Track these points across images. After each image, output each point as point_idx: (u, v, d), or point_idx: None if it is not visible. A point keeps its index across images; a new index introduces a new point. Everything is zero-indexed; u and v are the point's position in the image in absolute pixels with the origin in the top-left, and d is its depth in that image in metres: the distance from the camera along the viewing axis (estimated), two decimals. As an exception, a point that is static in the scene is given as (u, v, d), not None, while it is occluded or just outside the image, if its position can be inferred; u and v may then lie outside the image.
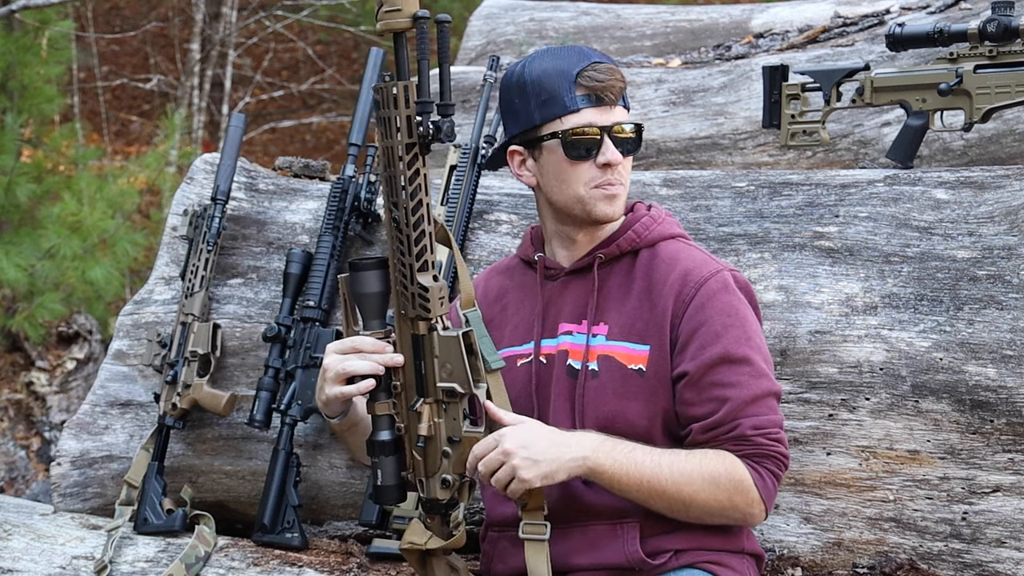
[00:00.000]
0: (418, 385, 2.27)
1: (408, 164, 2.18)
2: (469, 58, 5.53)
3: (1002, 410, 2.68)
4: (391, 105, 2.18)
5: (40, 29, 6.95)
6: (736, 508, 2.34)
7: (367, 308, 2.30)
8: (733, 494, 2.32)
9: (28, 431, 7.09)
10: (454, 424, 2.27)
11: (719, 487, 2.32)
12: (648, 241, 2.47)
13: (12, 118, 6.63)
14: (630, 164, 2.48)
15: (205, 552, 3.02)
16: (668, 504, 2.33)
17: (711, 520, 2.36)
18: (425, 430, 2.27)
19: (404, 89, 2.17)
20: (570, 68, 2.40)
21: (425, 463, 2.30)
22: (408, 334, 2.26)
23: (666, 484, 2.30)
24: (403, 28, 2.16)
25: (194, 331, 3.27)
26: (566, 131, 2.40)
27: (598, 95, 2.39)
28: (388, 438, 2.31)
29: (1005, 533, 2.70)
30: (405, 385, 2.29)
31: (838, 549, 2.82)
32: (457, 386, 2.24)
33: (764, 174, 3.21)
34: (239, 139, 3.43)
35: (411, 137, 2.17)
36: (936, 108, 3.19)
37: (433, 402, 2.27)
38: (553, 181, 2.45)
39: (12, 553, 3.10)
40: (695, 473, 2.31)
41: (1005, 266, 2.78)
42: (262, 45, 11.76)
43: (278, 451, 3.13)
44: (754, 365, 2.37)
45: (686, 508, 2.33)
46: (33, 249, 6.48)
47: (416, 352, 2.26)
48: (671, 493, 2.31)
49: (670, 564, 2.39)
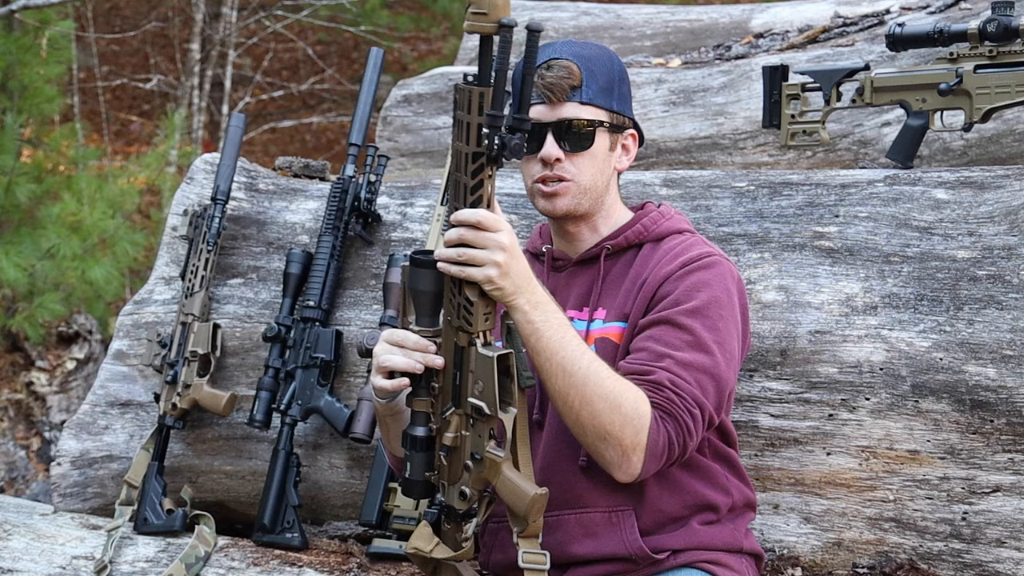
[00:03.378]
0: (453, 394, 2.25)
1: (472, 173, 2.15)
2: (469, 58, 5.53)
3: (1002, 410, 2.68)
4: (466, 108, 2.13)
5: (40, 29, 6.95)
6: (620, 442, 2.25)
7: (419, 304, 2.27)
8: (625, 425, 2.25)
9: (28, 431, 7.08)
10: (479, 441, 2.24)
11: (618, 409, 2.25)
12: (655, 235, 2.52)
13: (12, 118, 6.63)
14: (590, 160, 2.49)
15: (205, 552, 3.02)
16: (565, 393, 2.25)
17: (588, 439, 2.28)
18: (450, 440, 2.25)
19: (480, 96, 2.12)
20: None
21: (448, 470, 2.29)
22: (452, 340, 2.24)
23: (576, 371, 2.24)
24: (488, 32, 2.11)
25: (194, 331, 3.28)
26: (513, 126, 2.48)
27: (541, 93, 2.47)
28: (422, 434, 2.29)
29: (1005, 533, 2.70)
30: (443, 389, 2.27)
31: (838, 549, 2.82)
32: (485, 407, 2.20)
33: (764, 174, 3.21)
34: (239, 139, 3.43)
35: (478, 147, 2.13)
36: (936, 108, 3.19)
37: (463, 414, 2.25)
38: (522, 174, 2.57)
39: (12, 553, 3.10)
40: (607, 382, 2.25)
41: (1005, 266, 2.78)
42: (262, 45, 11.76)
43: (278, 451, 3.13)
44: (697, 337, 2.35)
45: (578, 407, 2.25)
46: (33, 249, 6.47)
47: (456, 361, 2.24)
48: (575, 382, 2.24)
49: (668, 563, 2.39)
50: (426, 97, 4.83)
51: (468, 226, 2.16)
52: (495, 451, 2.22)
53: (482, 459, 2.23)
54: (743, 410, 2.84)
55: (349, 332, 3.21)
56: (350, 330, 3.22)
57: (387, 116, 4.88)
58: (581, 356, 2.26)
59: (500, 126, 2.12)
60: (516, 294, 2.20)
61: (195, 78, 10.09)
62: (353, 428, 3.07)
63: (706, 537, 2.42)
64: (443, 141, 4.67)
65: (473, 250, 2.16)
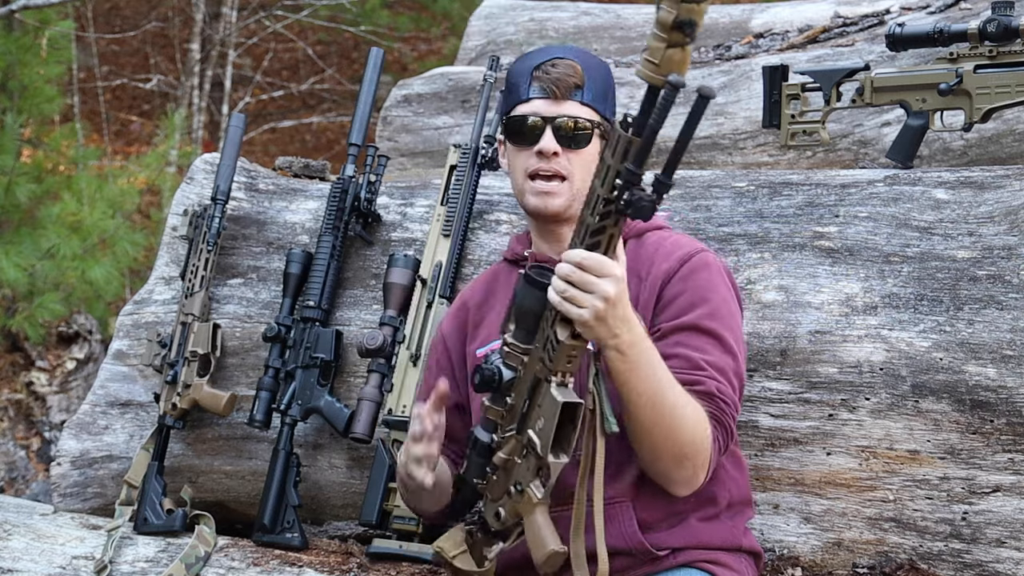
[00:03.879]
0: (518, 419, 2.24)
1: (599, 216, 2.09)
2: (469, 58, 5.53)
3: (1002, 410, 2.68)
4: (612, 151, 2.06)
5: (40, 29, 6.95)
6: (693, 463, 2.30)
7: (520, 319, 2.23)
8: (699, 447, 2.29)
9: (28, 431, 7.09)
10: (526, 474, 2.24)
11: (695, 434, 2.28)
12: (635, 231, 2.55)
13: (12, 118, 6.63)
14: (585, 160, 2.50)
15: (205, 552, 3.02)
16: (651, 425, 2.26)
17: (663, 463, 2.30)
18: (501, 460, 2.25)
19: (628, 144, 2.04)
20: (533, 62, 2.53)
21: (494, 486, 2.29)
22: (534, 367, 2.21)
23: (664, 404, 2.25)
24: (656, 85, 2.02)
25: (194, 331, 3.28)
26: (512, 117, 2.53)
27: (545, 87, 2.49)
28: (484, 440, 2.29)
29: (1005, 533, 2.70)
30: (513, 409, 2.25)
31: (838, 549, 2.82)
32: (538, 444, 2.19)
33: (764, 174, 3.21)
34: (239, 139, 3.43)
35: (610, 193, 2.07)
36: (936, 108, 3.19)
37: (521, 442, 2.24)
38: (509, 168, 2.59)
39: (12, 553, 3.10)
40: (688, 409, 2.28)
41: (1005, 266, 2.78)
42: (262, 45, 11.76)
43: (278, 451, 3.13)
44: (723, 341, 2.40)
45: (662, 438, 2.27)
46: (33, 249, 6.48)
47: (530, 388, 2.22)
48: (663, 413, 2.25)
49: (667, 563, 2.39)
50: (426, 97, 4.83)
51: (574, 265, 2.13)
52: (536, 489, 2.23)
53: (523, 491, 2.23)
54: (743, 410, 2.84)
55: (349, 332, 3.21)
56: (350, 330, 3.22)
57: (387, 116, 4.88)
58: (669, 388, 2.26)
59: (637, 183, 2.05)
60: (609, 338, 2.18)
61: (195, 78, 10.09)
62: (353, 428, 3.07)
63: (705, 535, 2.42)
64: (443, 141, 4.67)
65: (574, 290, 2.13)
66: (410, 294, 3.14)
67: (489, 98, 3.33)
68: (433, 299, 3.11)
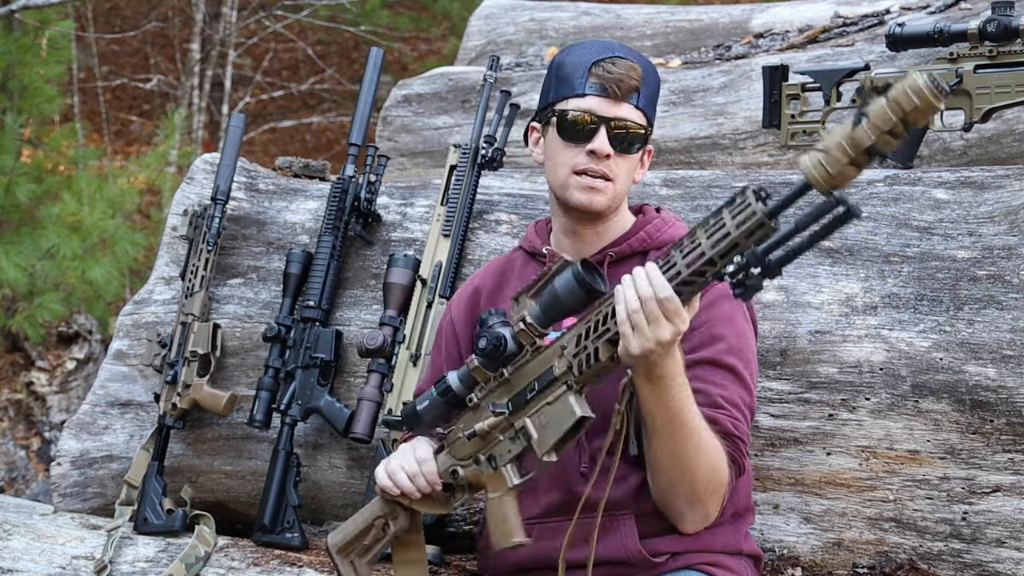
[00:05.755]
0: (516, 399, 2.24)
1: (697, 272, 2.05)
2: (469, 58, 5.53)
3: (1002, 410, 2.68)
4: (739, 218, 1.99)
5: (40, 29, 6.95)
6: (705, 506, 2.33)
7: (550, 308, 2.20)
8: (716, 492, 2.32)
9: (28, 431, 7.08)
10: (505, 454, 2.26)
11: (712, 479, 2.30)
12: (659, 243, 2.51)
13: (12, 118, 6.63)
14: (630, 165, 2.49)
15: (205, 552, 3.02)
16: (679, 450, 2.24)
17: (678, 501, 2.31)
18: (483, 431, 2.26)
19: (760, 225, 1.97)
20: (591, 57, 2.47)
21: (458, 445, 2.31)
22: (552, 360, 2.21)
23: (693, 430, 2.24)
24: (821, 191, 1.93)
25: (194, 331, 3.27)
26: (565, 111, 2.46)
27: (605, 86, 2.43)
28: (458, 391, 2.30)
29: (1005, 533, 2.70)
30: (511, 382, 2.25)
31: (838, 549, 2.82)
32: (535, 438, 2.21)
33: (764, 174, 3.21)
34: (239, 139, 3.43)
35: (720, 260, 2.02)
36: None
37: (509, 423, 2.25)
38: (549, 160, 2.52)
39: (12, 553, 3.10)
40: (714, 449, 2.28)
41: (1005, 266, 2.78)
42: (262, 45, 11.76)
43: (278, 451, 3.13)
44: (740, 377, 2.40)
45: (691, 465, 2.26)
46: (33, 249, 6.47)
47: (540, 381, 2.22)
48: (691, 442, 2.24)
49: (667, 566, 2.39)
50: (426, 97, 4.83)
51: (655, 297, 2.09)
52: (512, 473, 2.25)
53: (496, 468, 2.25)
54: (743, 410, 2.85)
55: (349, 332, 3.21)
56: (350, 330, 3.22)
57: (387, 116, 4.88)
58: (695, 423, 2.24)
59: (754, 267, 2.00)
60: (643, 373, 2.18)
61: (195, 78, 10.09)
62: (353, 428, 3.07)
63: (706, 540, 2.42)
64: (443, 141, 4.67)
65: (641, 318, 2.10)
66: (410, 294, 3.14)
67: (489, 98, 3.33)
68: (433, 299, 3.11)
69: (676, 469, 2.27)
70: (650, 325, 2.10)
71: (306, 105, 11.98)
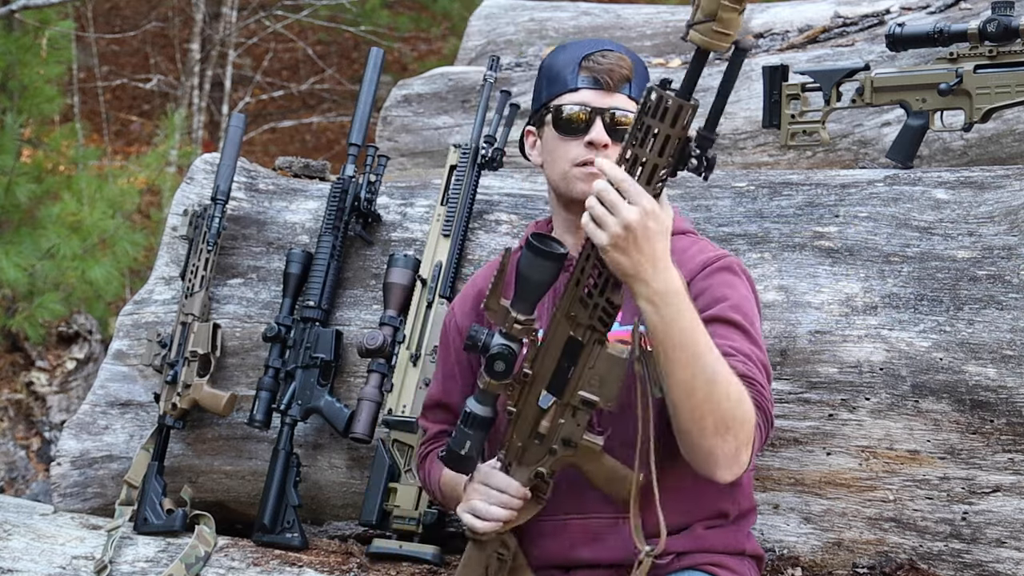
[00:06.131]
0: (555, 385, 2.21)
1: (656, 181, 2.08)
2: (469, 58, 5.53)
3: (1002, 410, 2.68)
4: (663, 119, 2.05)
5: (40, 29, 6.95)
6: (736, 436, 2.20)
7: (526, 291, 2.19)
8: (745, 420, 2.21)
9: (28, 431, 7.09)
10: (576, 429, 2.22)
11: (740, 405, 2.19)
12: None
13: (12, 118, 6.63)
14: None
15: (205, 552, 3.02)
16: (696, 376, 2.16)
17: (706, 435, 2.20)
18: (545, 429, 2.23)
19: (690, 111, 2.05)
20: (580, 52, 2.49)
21: (524, 453, 2.27)
22: (565, 334, 2.18)
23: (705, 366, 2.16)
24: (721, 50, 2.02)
25: (194, 331, 3.28)
26: (560, 106, 2.47)
27: (597, 77, 2.45)
28: (487, 415, 2.26)
29: (1005, 533, 2.70)
30: (536, 377, 2.22)
31: (838, 549, 2.82)
32: (600, 400, 2.18)
33: (764, 174, 3.21)
34: (239, 139, 3.43)
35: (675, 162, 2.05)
36: (936, 108, 3.19)
37: (564, 405, 2.22)
38: (548, 157, 2.52)
39: (12, 553, 3.10)
40: (733, 379, 2.20)
41: (1005, 266, 2.78)
42: (262, 45, 11.76)
43: (278, 451, 3.13)
44: (748, 332, 2.35)
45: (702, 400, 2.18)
46: (33, 249, 6.47)
47: (567, 354, 2.19)
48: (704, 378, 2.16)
49: (671, 567, 2.38)
50: (426, 97, 4.83)
51: (614, 185, 2.07)
52: (593, 439, 2.22)
53: (575, 445, 2.22)
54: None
55: (349, 332, 3.21)
56: (350, 330, 3.22)
57: (387, 116, 4.88)
58: (709, 350, 2.17)
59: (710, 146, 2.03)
60: (634, 279, 2.12)
61: (195, 78, 10.09)
62: (353, 428, 3.07)
63: (710, 540, 2.41)
64: (443, 141, 4.67)
65: (602, 209, 2.08)
66: (410, 294, 3.14)
67: (489, 98, 3.33)
68: (433, 299, 3.11)
69: (697, 396, 2.17)
70: (612, 213, 2.07)
71: (306, 105, 11.98)
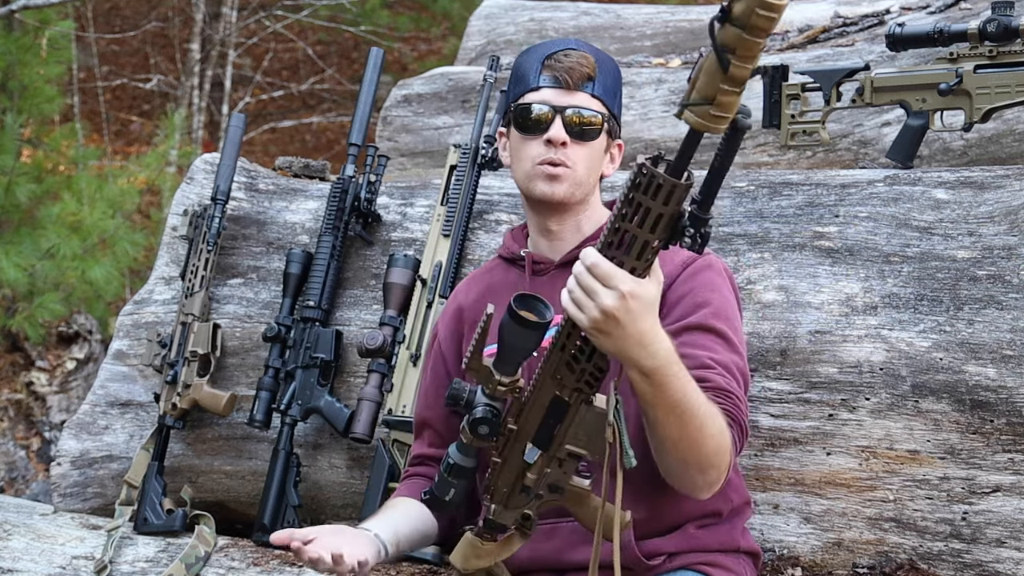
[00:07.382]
0: (540, 438, 2.20)
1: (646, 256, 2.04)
2: (469, 58, 5.53)
3: (1002, 410, 2.68)
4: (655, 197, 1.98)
5: (40, 29, 6.95)
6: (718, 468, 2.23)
7: (509, 355, 2.16)
8: (723, 452, 2.22)
9: (28, 431, 7.09)
10: (563, 476, 2.22)
11: (720, 441, 2.21)
12: None
13: (12, 118, 6.63)
14: (591, 152, 2.48)
15: (205, 552, 3.02)
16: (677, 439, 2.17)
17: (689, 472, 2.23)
18: (532, 482, 2.22)
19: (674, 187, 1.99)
20: (544, 52, 2.50)
21: (509, 497, 2.25)
22: (550, 393, 2.16)
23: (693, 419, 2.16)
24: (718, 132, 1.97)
25: (194, 331, 3.28)
26: (520, 106, 2.48)
27: (557, 76, 2.46)
28: (470, 465, 2.26)
29: (1005, 533, 2.70)
30: (521, 431, 2.20)
31: (838, 549, 2.82)
32: (587, 453, 2.17)
33: (764, 174, 3.21)
34: (239, 139, 3.43)
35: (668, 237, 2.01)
36: (936, 108, 3.19)
37: (551, 457, 2.21)
38: (513, 158, 2.53)
39: (12, 553, 3.10)
40: (717, 419, 2.20)
41: (1005, 266, 2.78)
42: (262, 45, 11.76)
43: (278, 451, 3.13)
44: (728, 340, 2.36)
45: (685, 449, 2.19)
46: (33, 249, 6.48)
47: (553, 412, 2.17)
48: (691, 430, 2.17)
49: (664, 567, 2.38)
50: (426, 97, 4.83)
51: (587, 267, 2.04)
52: (580, 483, 2.21)
53: (563, 490, 2.22)
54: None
55: (349, 332, 3.21)
56: (350, 330, 3.22)
57: (387, 116, 4.88)
58: (697, 407, 2.17)
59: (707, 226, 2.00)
60: (621, 356, 2.09)
61: (195, 78, 10.09)
62: (353, 428, 3.07)
63: (702, 540, 2.40)
64: (443, 141, 4.67)
65: (580, 292, 2.05)
66: (410, 294, 3.14)
67: (489, 98, 3.33)
68: (433, 299, 3.11)
69: (681, 447, 2.19)
70: (590, 297, 2.04)
71: (306, 105, 11.99)
